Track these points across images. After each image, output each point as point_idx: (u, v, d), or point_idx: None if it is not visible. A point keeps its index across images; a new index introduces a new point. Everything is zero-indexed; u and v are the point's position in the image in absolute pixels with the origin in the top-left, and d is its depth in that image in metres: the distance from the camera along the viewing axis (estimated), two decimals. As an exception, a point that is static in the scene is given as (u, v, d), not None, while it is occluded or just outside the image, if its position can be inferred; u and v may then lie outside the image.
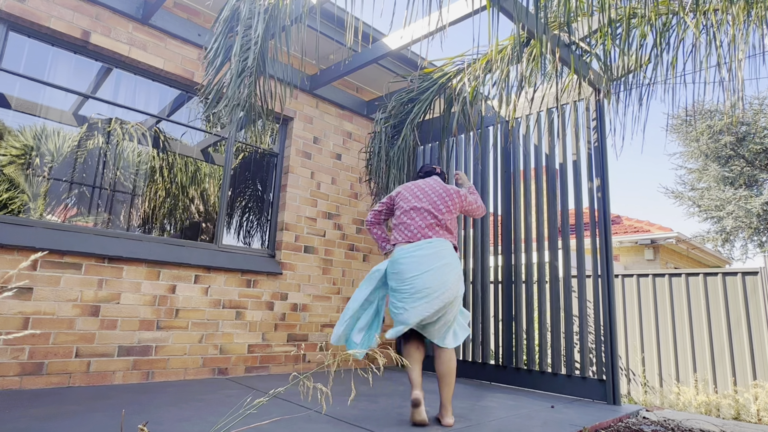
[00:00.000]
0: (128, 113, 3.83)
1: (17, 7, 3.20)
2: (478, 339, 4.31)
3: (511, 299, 4.15)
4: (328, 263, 4.76)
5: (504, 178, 4.38)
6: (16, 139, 3.38)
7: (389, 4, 2.93)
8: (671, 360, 6.16)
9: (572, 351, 3.71)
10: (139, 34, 3.74)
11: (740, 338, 5.78)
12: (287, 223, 4.47)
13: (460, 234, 4.67)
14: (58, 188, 3.51)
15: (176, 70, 3.91)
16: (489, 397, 3.49)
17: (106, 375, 3.26)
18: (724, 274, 6.06)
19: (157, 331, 3.52)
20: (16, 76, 3.30)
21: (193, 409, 2.66)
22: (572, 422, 2.84)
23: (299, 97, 4.75)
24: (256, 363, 4.04)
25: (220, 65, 3.03)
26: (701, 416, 3.88)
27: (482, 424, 2.68)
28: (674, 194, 12.83)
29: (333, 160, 4.96)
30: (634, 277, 6.69)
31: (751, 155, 11.44)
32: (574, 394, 3.67)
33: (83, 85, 3.62)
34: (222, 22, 3.00)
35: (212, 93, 3.06)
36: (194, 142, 4.30)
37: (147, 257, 3.49)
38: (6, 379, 2.89)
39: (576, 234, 5.02)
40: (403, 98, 4.30)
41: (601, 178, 3.72)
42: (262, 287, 4.17)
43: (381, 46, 4.07)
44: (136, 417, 2.42)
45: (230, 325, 3.92)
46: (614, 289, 3.60)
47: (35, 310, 3.03)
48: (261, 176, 4.68)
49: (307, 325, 4.46)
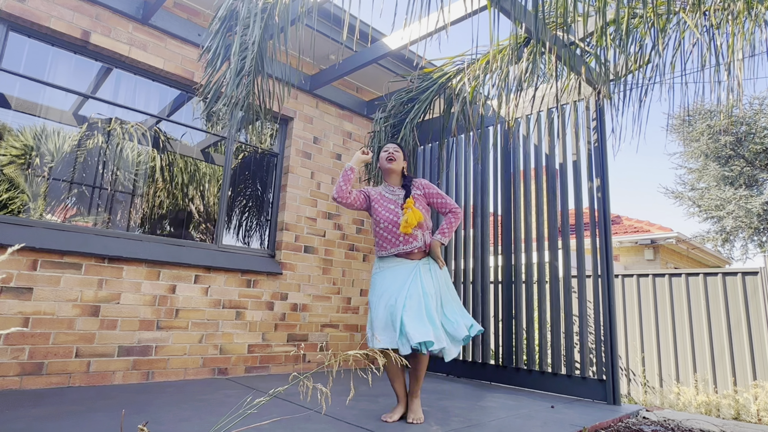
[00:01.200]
0: (128, 113, 3.83)
1: (17, 7, 3.20)
2: (478, 339, 4.31)
3: (511, 299, 4.15)
4: (328, 263, 4.76)
5: (504, 178, 4.38)
6: (16, 139, 3.38)
7: (389, 4, 2.82)
8: (671, 360, 6.16)
9: (572, 351, 3.71)
10: (139, 34, 3.74)
11: (740, 338, 5.78)
12: (287, 223, 4.47)
13: (460, 234, 4.67)
14: (58, 188, 3.51)
15: (176, 70, 3.91)
16: (489, 397, 3.49)
17: (106, 375, 3.26)
18: (724, 274, 6.06)
19: (157, 331, 3.52)
20: (16, 76, 3.30)
21: (193, 409, 2.66)
22: (572, 422, 2.84)
23: (299, 97, 4.75)
24: (256, 363, 4.04)
25: (219, 64, 3.03)
26: (701, 416, 3.88)
27: (482, 424, 2.68)
28: (674, 194, 12.83)
29: (333, 160, 4.96)
30: (634, 277, 6.69)
31: (751, 155, 11.44)
32: (574, 394, 3.67)
33: (83, 85, 3.63)
34: (219, 21, 3.00)
35: (211, 92, 3.06)
36: (194, 142, 4.30)
37: (147, 257, 3.49)
38: (6, 379, 2.89)
39: (576, 234, 5.02)
40: (403, 98, 4.30)
41: (601, 178, 3.72)
42: (262, 287, 4.17)
43: (381, 46, 4.07)
44: (136, 417, 2.42)
45: (230, 325, 3.92)
46: (614, 289, 3.60)
47: (35, 310, 3.03)
48: (261, 176, 4.68)
49: (307, 325, 4.46)
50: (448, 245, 4.74)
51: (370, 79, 5.25)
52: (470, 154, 4.70)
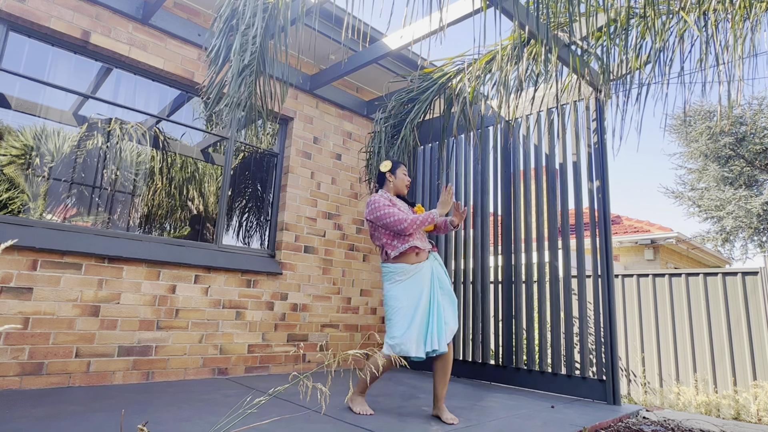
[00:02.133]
0: (128, 113, 3.83)
1: (17, 7, 3.20)
2: (478, 339, 4.31)
3: (511, 299, 4.15)
4: (328, 263, 4.76)
5: (504, 178, 4.38)
6: (16, 139, 3.38)
7: (389, 4, 2.85)
8: (671, 360, 6.16)
9: (572, 351, 3.71)
10: (139, 34, 3.74)
11: (740, 338, 5.78)
12: (287, 223, 4.47)
13: (460, 234, 4.67)
14: (58, 188, 3.51)
15: (176, 70, 3.91)
16: (489, 397, 3.49)
17: (106, 375, 3.26)
18: (724, 274, 6.06)
19: (157, 331, 3.52)
20: (16, 76, 3.30)
21: (193, 409, 2.66)
22: (572, 422, 2.84)
23: (299, 97, 4.75)
24: (256, 363, 4.04)
25: (221, 64, 3.03)
26: (701, 416, 3.88)
27: (482, 424, 2.68)
28: (674, 194, 12.84)
29: (333, 160, 4.96)
30: (634, 277, 6.69)
31: (751, 155, 11.44)
32: (574, 394, 3.67)
33: (83, 85, 3.62)
34: (222, 20, 3.00)
35: (214, 92, 3.06)
36: (194, 142, 4.30)
37: (147, 257, 3.49)
38: (6, 379, 2.89)
39: (576, 234, 5.02)
40: (403, 98, 4.29)
41: (601, 177, 3.72)
42: (262, 287, 4.17)
43: (381, 46, 4.07)
44: (136, 417, 2.42)
45: (230, 325, 3.92)
46: (614, 289, 3.60)
47: (35, 310, 3.03)
48: (261, 176, 4.68)
49: (307, 325, 4.46)
50: (448, 244, 4.74)
51: (370, 79, 5.25)
52: (470, 155, 4.70)
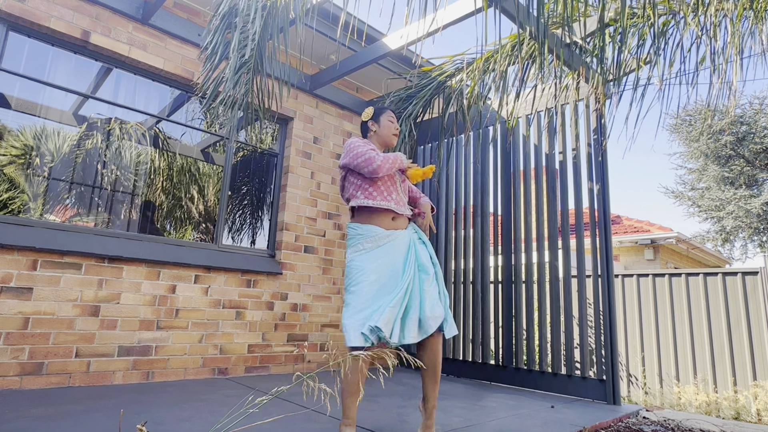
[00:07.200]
0: (128, 113, 3.83)
1: (17, 7, 3.20)
2: (478, 339, 4.31)
3: (511, 299, 4.15)
4: (328, 263, 4.75)
5: (504, 178, 4.38)
6: (16, 139, 3.38)
7: (389, 4, 2.84)
8: (671, 360, 6.16)
9: (572, 351, 3.71)
10: (139, 34, 3.74)
11: (740, 338, 5.78)
12: (287, 223, 4.47)
13: (460, 234, 4.66)
14: (58, 188, 3.51)
15: (176, 70, 3.91)
16: (489, 397, 3.49)
17: (106, 375, 3.26)
18: (724, 274, 6.06)
19: (157, 331, 3.52)
20: (16, 76, 3.30)
21: (193, 409, 2.66)
22: (572, 422, 2.84)
23: (299, 97, 4.75)
24: (256, 363, 4.04)
25: (217, 61, 3.02)
26: (701, 416, 3.88)
27: (482, 424, 2.68)
28: (674, 194, 12.83)
29: (333, 160, 4.96)
30: (634, 277, 6.69)
31: (751, 155, 11.44)
32: (574, 394, 3.67)
33: (83, 85, 3.62)
34: (220, 17, 2.99)
35: (209, 89, 3.06)
36: (194, 142, 4.30)
37: (147, 257, 3.49)
38: (6, 379, 2.89)
39: (576, 234, 5.02)
40: (402, 95, 4.28)
41: (601, 177, 3.72)
42: (262, 287, 4.17)
43: (381, 46, 4.07)
44: (136, 417, 2.42)
45: (230, 325, 3.92)
46: (614, 289, 3.60)
47: (35, 310, 3.03)
48: (261, 176, 4.68)
49: (307, 325, 4.46)
50: (448, 244, 4.73)
51: (370, 79, 5.25)
52: (470, 154, 4.70)
